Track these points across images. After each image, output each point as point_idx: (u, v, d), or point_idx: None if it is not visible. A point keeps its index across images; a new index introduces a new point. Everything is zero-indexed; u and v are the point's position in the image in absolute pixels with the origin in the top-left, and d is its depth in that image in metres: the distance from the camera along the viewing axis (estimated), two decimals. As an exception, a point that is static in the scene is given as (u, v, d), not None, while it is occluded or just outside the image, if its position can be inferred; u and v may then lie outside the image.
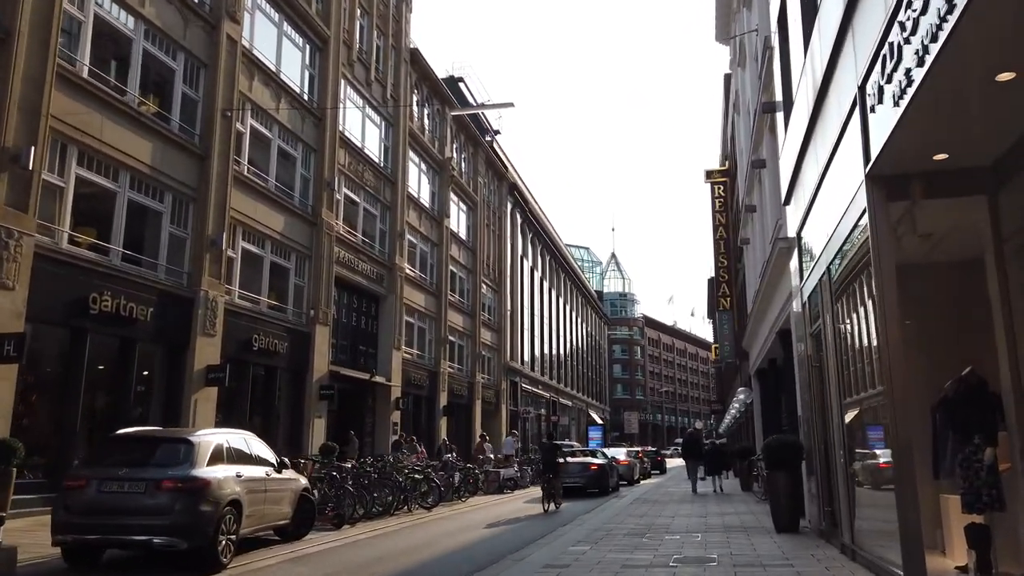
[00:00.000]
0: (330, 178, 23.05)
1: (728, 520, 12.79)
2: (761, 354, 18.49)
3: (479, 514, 15.56)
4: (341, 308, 24.90)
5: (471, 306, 37.92)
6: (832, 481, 8.84)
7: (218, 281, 17.43)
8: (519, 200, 47.41)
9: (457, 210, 36.89)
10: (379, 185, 27.43)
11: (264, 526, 9.65)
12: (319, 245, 22.36)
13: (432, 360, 32.23)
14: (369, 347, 26.88)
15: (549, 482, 16.12)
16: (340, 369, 23.35)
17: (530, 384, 48.91)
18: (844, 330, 7.93)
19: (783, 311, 12.92)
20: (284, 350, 20.38)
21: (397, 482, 14.85)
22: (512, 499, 19.78)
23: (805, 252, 10.11)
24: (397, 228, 28.25)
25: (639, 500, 18.14)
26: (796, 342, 11.30)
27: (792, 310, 11.53)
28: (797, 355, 11.28)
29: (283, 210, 20.88)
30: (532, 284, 51.50)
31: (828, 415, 8.71)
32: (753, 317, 18.61)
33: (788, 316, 12.34)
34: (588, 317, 75.72)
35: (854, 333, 7.55)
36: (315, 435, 21.46)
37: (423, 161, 32.45)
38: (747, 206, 17.50)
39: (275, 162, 20.90)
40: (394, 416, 27.21)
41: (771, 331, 15.24)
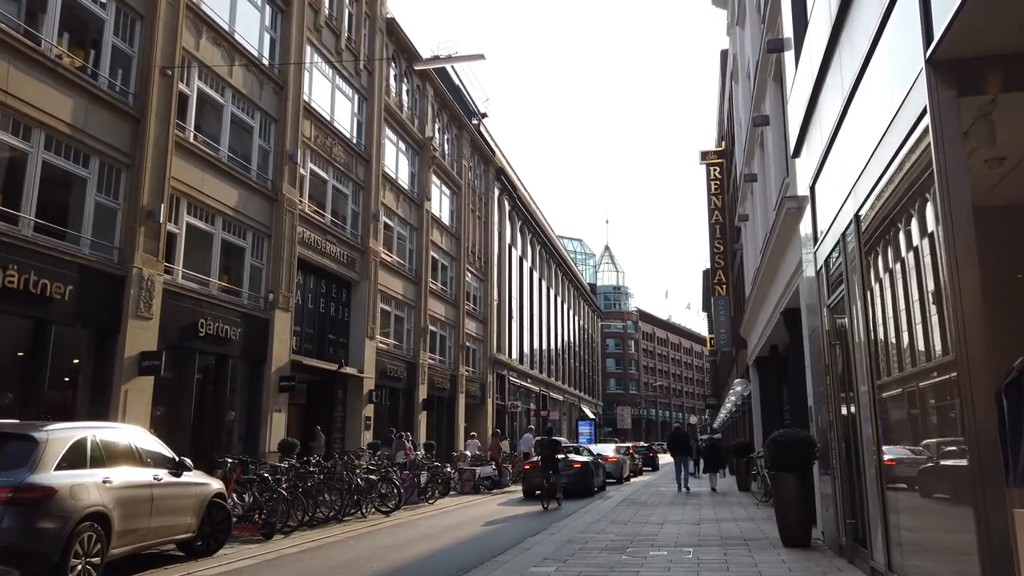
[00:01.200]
0: (293, 151, 21.17)
1: (725, 529, 11.02)
2: (761, 340, 16.73)
3: (443, 519, 13.76)
4: (307, 293, 23.06)
5: (455, 295, 36.09)
6: (857, 485, 7.05)
7: (155, 258, 15.56)
8: (507, 186, 45.56)
9: (439, 194, 35.03)
10: (351, 162, 25.55)
11: (155, 542, 7.83)
12: (280, 223, 20.49)
13: (411, 351, 30.39)
14: (339, 336, 25.03)
15: (548, 479, 15.46)
16: (304, 359, 21.51)
17: (519, 377, 47.14)
18: (879, 292, 6.12)
19: (790, 286, 11.13)
20: (238, 337, 18.52)
21: (350, 483, 13.04)
22: (487, 501, 17.99)
23: (821, 208, 8.32)
24: (371, 209, 26.38)
25: (626, 502, 16.38)
26: (807, 318, 9.52)
27: (802, 281, 9.74)
28: (808, 334, 9.50)
29: (238, 184, 19.00)
30: (521, 274, 49.68)
31: (853, 402, 6.91)
32: (752, 300, 16.84)
33: (796, 290, 10.56)
34: (581, 310, 73.97)
35: (894, 294, 5.75)
36: (274, 430, 19.63)
37: (401, 140, 30.57)
38: (747, 175, 15.72)
39: (228, 131, 19.00)
40: (367, 410, 25.39)
41: (774, 312, 13.45)
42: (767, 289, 14.11)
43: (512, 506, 16.52)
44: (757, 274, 14.41)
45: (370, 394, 25.49)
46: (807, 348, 9.73)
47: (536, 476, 18.05)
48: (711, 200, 31.82)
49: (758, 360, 18.38)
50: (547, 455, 15.86)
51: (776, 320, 13.29)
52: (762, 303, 15.52)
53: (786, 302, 11.72)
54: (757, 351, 18.01)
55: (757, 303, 16.26)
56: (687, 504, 15.78)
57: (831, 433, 8.15)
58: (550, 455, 15.82)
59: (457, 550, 9.73)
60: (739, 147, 21.00)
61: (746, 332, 20.54)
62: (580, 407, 69.00)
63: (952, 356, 4.29)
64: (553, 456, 15.85)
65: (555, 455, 15.94)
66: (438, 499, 17.76)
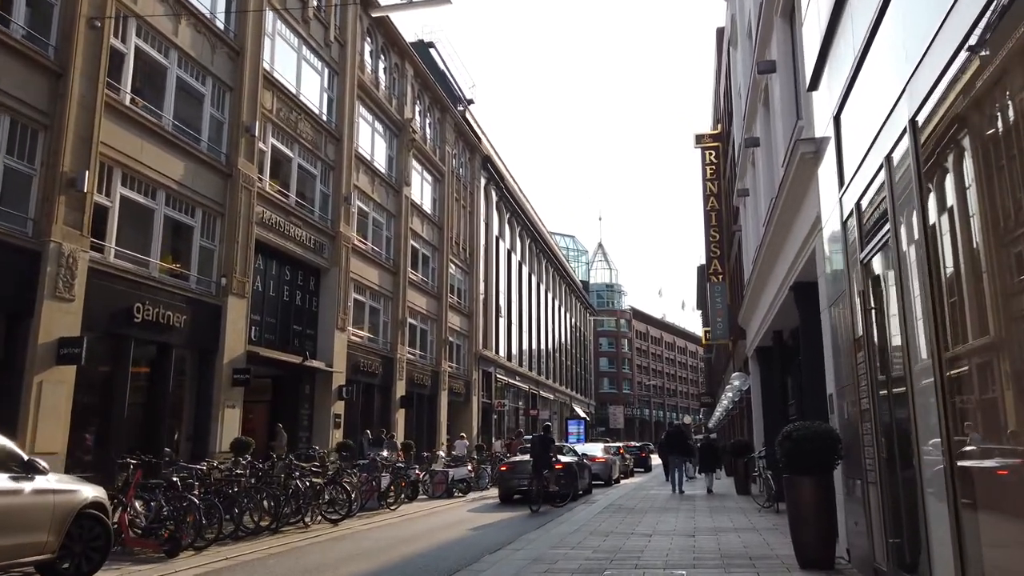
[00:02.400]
0: (250, 123, 19.33)
1: (726, 542, 9.25)
2: (763, 327, 14.99)
3: (397, 529, 11.95)
4: (268, 279, 21.22)
5: (437, 287, 34.27)
6: (905, 494, 5.29)
7: (79, 232, 13.72)
8: (494, 175, 43.76)
9: (420, 180, 33.22)
10: (319, 140, 23.72)
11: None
12: (235, 201, 18.65)
13: (387, 344, 28.57)
14: (306, 327, 23.19)
15: (539, 479, 14.57)
16: (262, 350, 19.67)
17: (506, 375, 45.35)
18: (948, 226, 4.35)
19: (802, 253, 9.37)
20: (183, 324, 16.69)
21: (289, 488, 11.23)
22: (456, 505, 16.19)
23: (849, 140, 6.57)
24: (342, 192, 24.55)
25: (612, 507, 14.60)
26: (827, 286, 7.76)
27: (819, 243, 8.00)
28: (828, 305, 7.75)
29: (185, 155, 17.16)
30: (509, 268, 47.89)
31: (902, 384, 5.14)
32: (753, 282, 15.09)
33: (811, 257, 8.80)
34: (573, 307, 72.22)
35: (977, 224, 3.96)
36: (227, 428, 17.81)
37: (378, 120, 28.74)
38: (748, 140, 13.96)
39: (173, 96, 17.17)
40: (336, 407, 23.57)
41: (780, 289, 11.69)
42: (772, 264, 12.34)
43: (483, 512, 14.73)
44: (760, 248, 12.65)
45: (340, 390, 23.68)
46: (826, 324, 7.98)
47: (512, 479, 16.34)
48: (706, 186, 30.08)
49: (759, 350, 16.64)
50: (539, 453, 14.78)
51: (783, 299, 11.53)
52: (765, 283, 13.76)
53: (797, 274, 9.95)
54: (757, 340, 16.27)
55: (759, 284, 14.51)
56: (680, 510, 14.01)
57: (863, 426, 6.38)
58: (542, 453, 14.75)
59: (392, 574, 7.91)
60: (737, 119, 19.27)
61: (745, 321, 18.80)
62: (572, 406, 67.22)
63: None
64: (546, 454, 14.80)
65: (548, 454, 14.91)
66: (404, 504, 15.98)
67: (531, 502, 14.40)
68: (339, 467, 14.34)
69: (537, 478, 14.70)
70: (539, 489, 14.60)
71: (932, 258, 4.47)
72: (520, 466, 16.47)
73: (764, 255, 12.56)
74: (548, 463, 15.02)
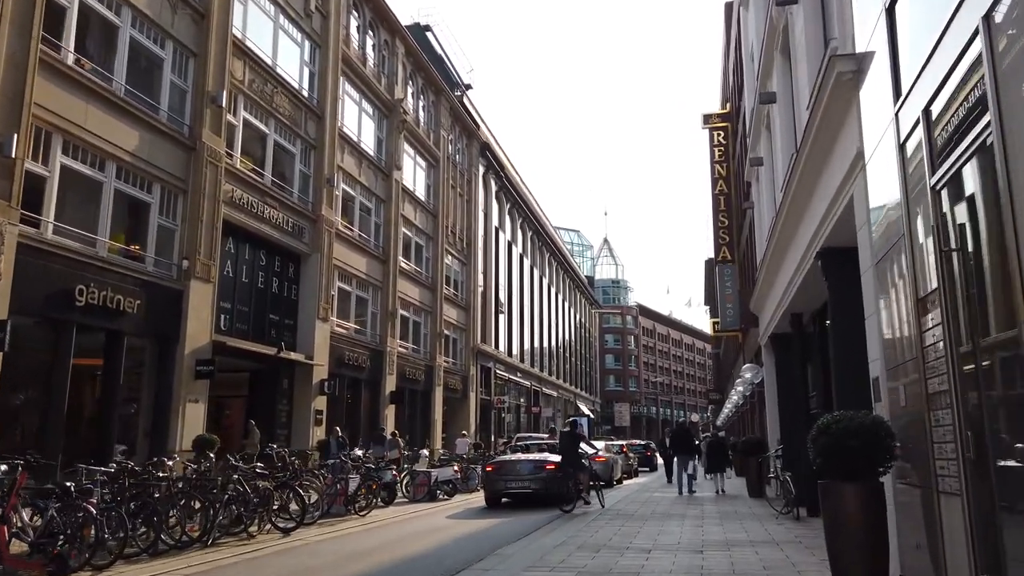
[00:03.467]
0: (217, 93, 17.74)
1: (742, 562, 7.59)
2: (779, 311, 13.31)
3: (356, 541, 10.32)
4: (240, 264, 19.63)
5: (431, 278, 32.66)
6: (1008, 512, 3.62)
7: (7, 203, 12.13)
8: (493, 163, 42.09)
9: (413, 165, 31.60)
10: (299, 116, 22.12)
11: None
12: (199, 177, 17.07)
13: (376, 337, 26.96)
14: (285, 316, 21.61)
15: (570, 476, 13.65)
16: (231, 340, 18.09)
17: (507, 371, 43.71)
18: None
19: (834, 207, 7.68)
20: (137, 310, 15.12)
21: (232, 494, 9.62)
22: (436, 510, 14.55)
23: (912, 32, 4.89)
24: (324, 172, 22.95)
25: (609, 513, 12.95)
26: (874, 239, 6.10)
27: (858, 189, 6.34)
28: (874, 263, 6.08)
29: (140, 125, 15.58)
30: (510, 260, 46.26)
31: (1012, 349, 3.47)
32: (768, 261, 13.40)
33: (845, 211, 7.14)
34: (577, 302, 70.52)
35: None
36: (188, 424, 16.24)
37: (365, 99, 27.13)
38: (763, 95, 12.26)
39: (126, 58, 15.59)
40: (317, 402, 21.99)
41: (802, 261, 10.01)
42: (792, 232, 10.65)
43: (464, 519, 13.11)
44: (778, 217, 10.96)
45: (322, 384, 22.11)
46: (870, 288, 6.32)
47: (499, 480, 14.72)
48: (714, 168, 28.36)
49: (774, 338, 14.95)
50: (567, 447, 13.88)
51: (806, 271, 9.85)
52: (783, 257, 12.06)
53: (825, 238, 8.27)
54: (772, 326, 14.57)
55: (775, 261, 12.81)
56: (687, 516, 12.35)
57: (931, 417, 4.71)
58: (571, 448, 13.87)
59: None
60: (749, 86, 17.59)
61: (757, 306, 17.10)
62: (576, 404, 65.55)
63: None
64: (575, 450, 13.91)
65: (576, 450, 14.05)
66: (380, 508, 14.38)
67: (563, 502, 13.39)
68: (294, 468, 12.71)
69: (567, 476, 13.75)
70: (572, 487, 13.60)
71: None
72: (508, 466, 14.82)
73: (782, 223, 10.87)
74: (578, 460, 14.18)
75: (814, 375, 12.46)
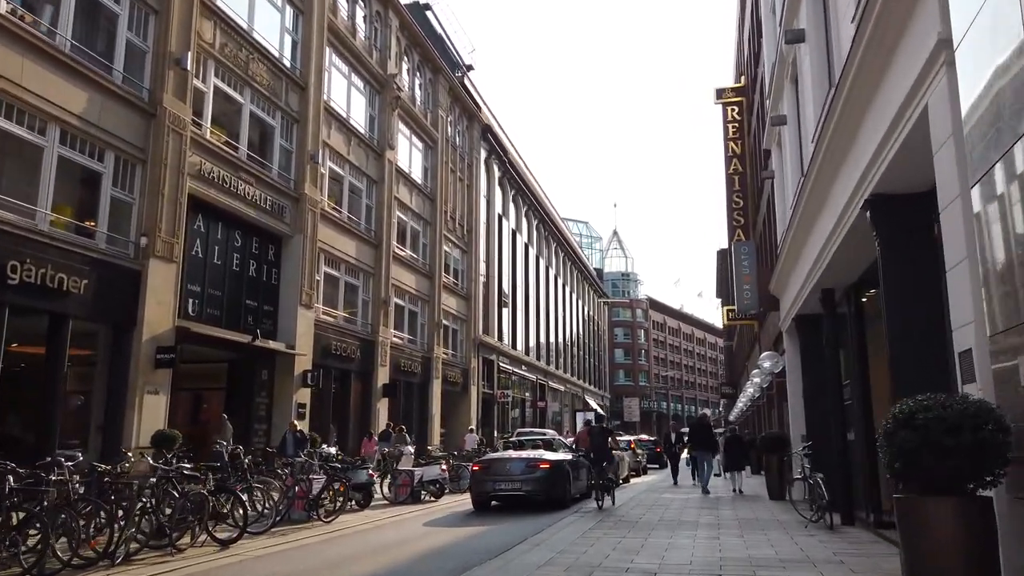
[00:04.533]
0: (181, 55, 16.14)
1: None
2: (806, 288, 11.57)
3: (304, 556, 8.68)
4: (211, 243, 18.03)
5: (429, 265, 31.01)
6: None
7: (-82, 164, 10.60)
8: (495, 147, 40.36)
9: (409, 146, 29.94)
10: (278, 87, 20.49)
11: None
12: (160, 146, 15.48)
13: (368, 326, 25.35)
14: (264, 302, 20.02)
15: (599, 473, 13.35)
16: (197, 326, 16.48)
17: (511, 364, 42.02)
18: None
19: (893, 136, 5.97)
20: (84, 290, 13.56)
21: (154, 500, 8.01)
22: (416, 515, 12.90)
23: None
24: (307, 148, 21.32)
25: (612, 518, 11.28)
26: (966, 151, 4.37)
27: (952, 79, 4.61)
28: (970, 180, 4.36)
29: (90, 85, 13.99)
30: (514, 248, 44.54)
31: None
32: (795, 231, 11.66)
33: (907, 141, 5.43)
34: (586, 295, 68.72)
35: None
36: (147, 418, 14.68)
37: (355, 73, 25.48)
38: (790, 34, 10.48)
39: (72, 11, 13.99)
40: (300, 395, 20.41)
41: (840, 223, 8.25)
42: (827, 186, 8.88)
43: (443, 526, 11.47)
44: (810, 170, 9.20)
45: (305, 375, 20.52)
46: (958, 227, 4.59)
47: (488, 481, 13.09)
48: (728, 146, 26.54)
49: (799, 321, 13.19)
50: (598, 444, 13.59)
51: (844, 232, 8.12)
52: (814, 222, 10.30)
53: (876, 180, 6.54)
54: (797, 307, 12.83)
55: (803, 229, 11.06)
56: (700, 524, 10.66)
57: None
58: (601, 445, 13.59)
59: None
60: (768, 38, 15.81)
61: (779, 287, 15.35)
62: (584, 398, 63.83)
63: None
64: (604, 446, 13.69)
65: (605, 446, 13.80)
66: (352, 512, 12.79)
67: (596, 498, 13.17)
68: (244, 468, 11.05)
69: (598, 472, 13.44)
70: (603, 483, 13.36)
71: None
72: (497, 465, 13.15)
73: (815, 177, 9.14)
74: (609, 456, 13.99)
75: (848, 360, 10.74)
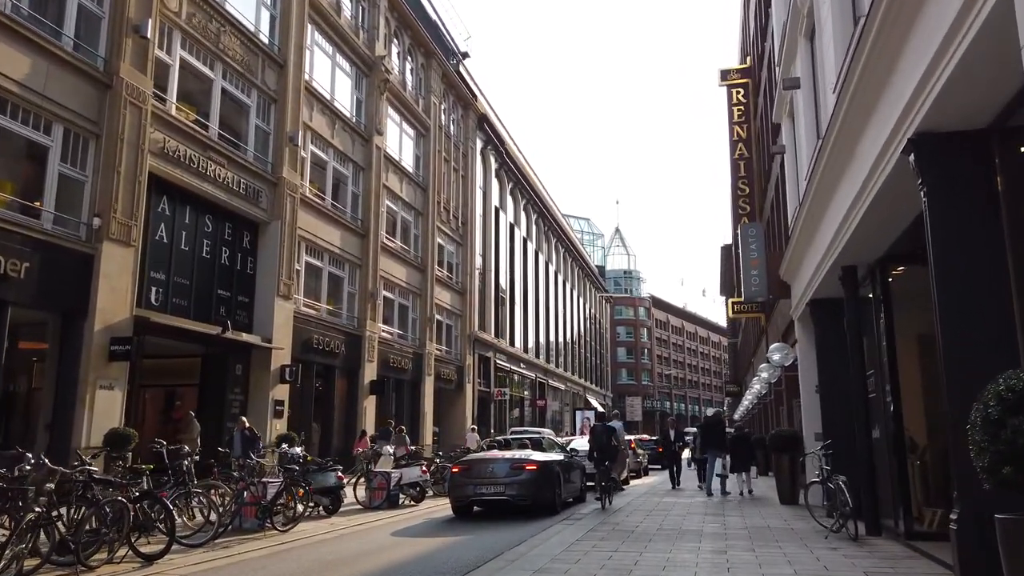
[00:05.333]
0: (141, 22, 14.89)
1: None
2: (824, 266, 10.27)
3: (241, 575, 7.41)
4: (177, 228, 16.75)
5: (420, 257, 29.74)
6: None
7: None
8: (492, 137, 39.07)
9: (399, 132, 28.67)
10: (254, 63, 19.24)
11: None
12: (116, 120, 14.23)
13: (354, 320, 24.09)
14: (238, 293, 18.77)
15: (603, 473, 12.92)
16: (155, 315, 15.21)
17: (508, 361, 40.72)
18: None
19: (950, 48, 4.66)
20: (27, 274, 12.33)
21: (51, 511, 6.74)
22: (388, 522, 11.61)
23: None
24: (286, 129, 20.07)
25: (603, 527, 9.98)
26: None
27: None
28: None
29: (33, 50, 12.75)
30: (512, 244, 43.24)
31: None
32: (812, 201, 10.35)
33: (968, 52, 4.13)
34: (587, 292, 67.38)
35: None
36: (100, 415, 13.43)
37: (340, 53, 24.22)
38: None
39: (13, -32, 12.77)
40: (277, 391, 19.15)
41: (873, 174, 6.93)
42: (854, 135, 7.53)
43: (413, 536, 10.19)
44: (834, 118, 7.90)
45: (283, 371, 19.26)
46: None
47: (468, 485, 11.79)
48: (733, 130, 25.23)
49: (815, 306, 11.86)
50: (603, 444, 13.16)
51: (877, 187, 6.82)
52: (835, 186, 8.98)
53: (924, 113, 5.25)
54: (812, 291, 11.51)
55: (821, 197, 9.75)
56: (704, 534, 9.37)
57: None
58: (606, 444, 13.17)
59: None
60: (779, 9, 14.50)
61: (790, 271, 14.03)
62: (586, 397, 62.51)
63: None
64: (609, 445, 13.27)
65: (609, 444, 13.31)
66: (320, 518, 11.52)
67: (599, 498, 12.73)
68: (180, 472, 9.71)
69: (602, 471, 12.99)
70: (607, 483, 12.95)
71: None
72: (479, 467, 11.81)
73: (837, 134, 7.84)
74: (613, 455, 13.60)
75: (872, 348, 9.44)
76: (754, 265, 14.91)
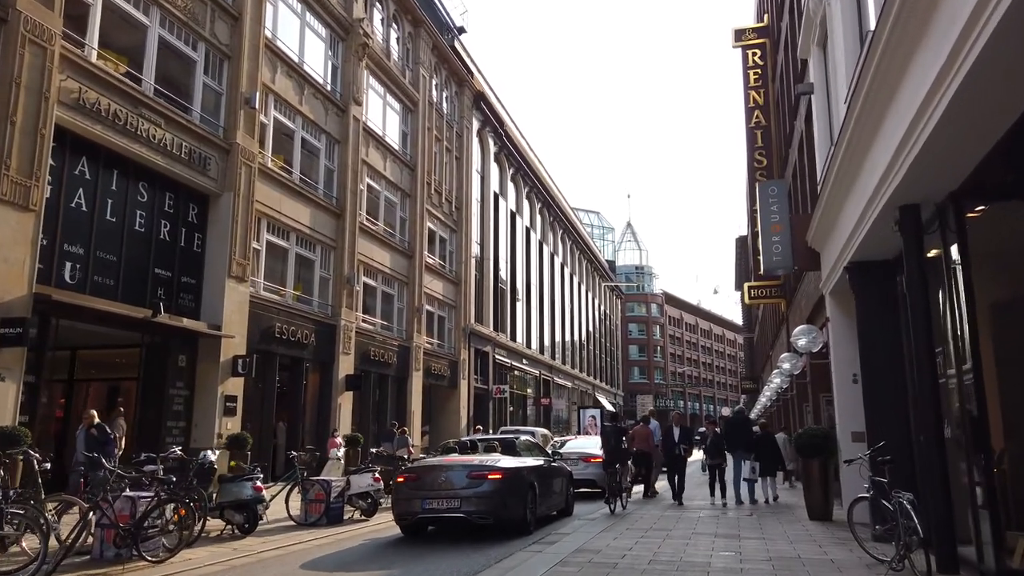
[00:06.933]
0: (46, -53, 12.59)
1: None
2: (872, 213, 7.75)
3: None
4: (100, 196, 14.39)
5: (408, 242, 27.36)
6: None
7: None
8: (490, 118, 36.63)
9: (383, 105, 26.31)
10: (200, 13, 16.92)
11: None
12: (10, 60, 11.95)
13: (327, 307, 21.74)
14: (182, 273, 16.45)
15: (613, 476, 12.50)
16: (59, 293, 12.85)
17: (509, 357, 38.25)
18: None
19: None
20: None
21: None
22: (314, 545, 9.17)
23: None
24: (241, 89, 17.73)
25: (580, 555, 7.51)
26: None
27: None
28: None
29: None
30: (514, 233, 40.78)
31: None
32: (852, 131, 7.85)
33: None
34: (597, 287, 64.81)
35: None
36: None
37: (310, 11, 21.87)
38: None
39: None
40: (229, 386, 16.82)
41: (961, 55, 4.45)
42: (925, 19, 5.09)
43: (329, 571, 7.76)
44: (884, 15, 5.42)
45: (236, 362, 16.93)
46: None
47: (415, 498, 9.27)
48: (749, 96, 22.71)
49: (855, 271, 9.31)
50: (614, 447, 13.01)
51: (962, 77, 4.33)
52: (891, 99, 6.46)
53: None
54: (852, 250, 8.97)
55: (869, 125, 7.24)
56: (712, 569, 6.89)
57: None
58: (616, 446, 13.03)
59: None
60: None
61: (820, 236, 11.47)
62: (595, 396, 59.95)
63: None
64: (620, 447, 13.16)
65: (620, 446, 13.25)
66: (231, 539, 9.13)
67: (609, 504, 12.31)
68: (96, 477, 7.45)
69: (612, 474, 12.66)
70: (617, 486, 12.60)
71: None
72: (429, 476, 9.22)
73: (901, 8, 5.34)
74: (624, 457, 13.43)
75: (944, 316, 6.93)
76: (776, 231, 12.37)
